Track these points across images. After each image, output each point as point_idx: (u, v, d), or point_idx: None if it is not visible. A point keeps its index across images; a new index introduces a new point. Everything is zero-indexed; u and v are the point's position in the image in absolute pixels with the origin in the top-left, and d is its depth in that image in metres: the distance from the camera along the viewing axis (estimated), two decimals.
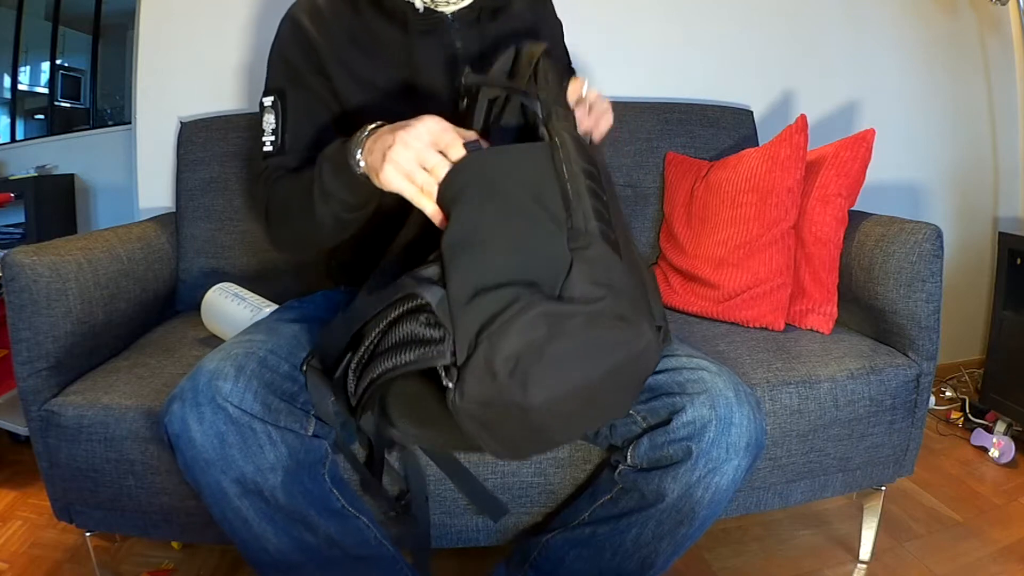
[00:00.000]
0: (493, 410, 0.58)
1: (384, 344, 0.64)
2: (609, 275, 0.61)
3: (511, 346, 0.56)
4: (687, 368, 0.76)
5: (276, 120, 0.87)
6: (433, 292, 0.60)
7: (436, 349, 0.59)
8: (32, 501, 1.33)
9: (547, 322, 0.57)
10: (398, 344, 0.62)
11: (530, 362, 0.56)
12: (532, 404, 0.57)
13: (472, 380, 0.57)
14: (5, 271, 0.89)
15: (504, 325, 0.57)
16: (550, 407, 0.58)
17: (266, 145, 0.88)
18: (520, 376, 0.56)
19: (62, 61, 3.35)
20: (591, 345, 0.59)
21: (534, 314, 0.57)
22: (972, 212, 1.84)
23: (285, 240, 0.89)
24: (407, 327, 0.62)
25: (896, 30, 1.71)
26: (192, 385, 0.68)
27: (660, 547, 0.75)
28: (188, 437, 0.66)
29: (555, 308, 0.58)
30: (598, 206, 0.65)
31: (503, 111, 0.73)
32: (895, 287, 1.02)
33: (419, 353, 0.60)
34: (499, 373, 0.56)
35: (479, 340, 0.57)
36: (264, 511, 0.69)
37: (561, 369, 0.58)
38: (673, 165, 1.39)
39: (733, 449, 0.72)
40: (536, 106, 0.70)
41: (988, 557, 1.14)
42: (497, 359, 0.56)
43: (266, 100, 0.89)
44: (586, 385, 0.59)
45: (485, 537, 0.92)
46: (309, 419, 0.72)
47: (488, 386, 0.57)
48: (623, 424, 0.77)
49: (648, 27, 1.58)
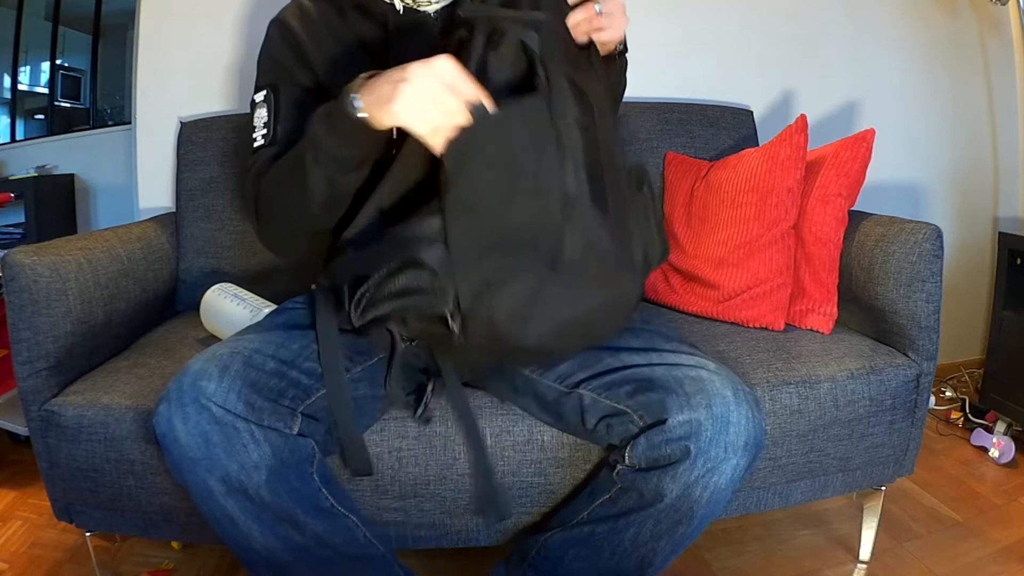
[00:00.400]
0: (493, 346, 0.71)
1: (386, 289, 0.69)
2: (596, 239, 0.69)
3: (507, 307, 0.67)
4: (686, 365, 0.76)
5: (269, 113, 0.87)
6: (433, 253, 0.67)
7: (440, 299, 0.67)
8: (32, 501, 1.33)
9: (537, 286, 0.68)
10: (402, 291, 0.69)
11: (525, 316, 0.68)
12: (527, 343, 0.70)
13: (474, 328, 0.68)
14: (5, 271, 0.89)
15: (502, 286, 0.67)
16: (543, 342, 0.72)
17: (257, 140, 0.87)
18: (517, 326, 0.68)
19: (62, 61, 3.35)
20: (578, 298, 0.70)
21: (527, 282, 0.67)
22: (972, 212, 1.84)
23: (275, 230, 0.87)
24: (410, 276, 0.68)
25: (896, 30, 1.71)
26: (178, 386, 0.69)
27: (658, 546, 0.76)
28: (174, 437, 0.67)
29: (545, 275, 0.67)
30: (591, 160, 0.70)
31: (500, 44, 0.72)
32: (895, 287, 1.02)
33: (424, 300, 0.68)
34: (498, 326, 0.68)
35: (480, 297, 0.67)
36: (250, 510, 0.70)
37: (551, 318, 0.70)
38: (673, 165, 1.39)
39: (731, 448, 0.72)
40: (533, 42, 0.70)
41: (988, 557, 1.14)
42: (496, 315, 0.67)
43: (258, 96, 0.89)
44: (573, 319, 0.72)
45: (485, 537, 0.92)
46: (295, 418, 0.72)
47: (488, 333, 0.68)
48: (620, 423, 0.77)
49: (648, 27, 1.58)
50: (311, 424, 0.73)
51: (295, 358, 0.75)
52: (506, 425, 0.88)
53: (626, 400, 0.77)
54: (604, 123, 0.74)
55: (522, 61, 0.72)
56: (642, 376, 0.77)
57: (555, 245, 0.67)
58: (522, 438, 0.87)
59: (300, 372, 0.74)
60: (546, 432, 0.88)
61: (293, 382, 0.73)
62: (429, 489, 0.87)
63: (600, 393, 0.79)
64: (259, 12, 1.43)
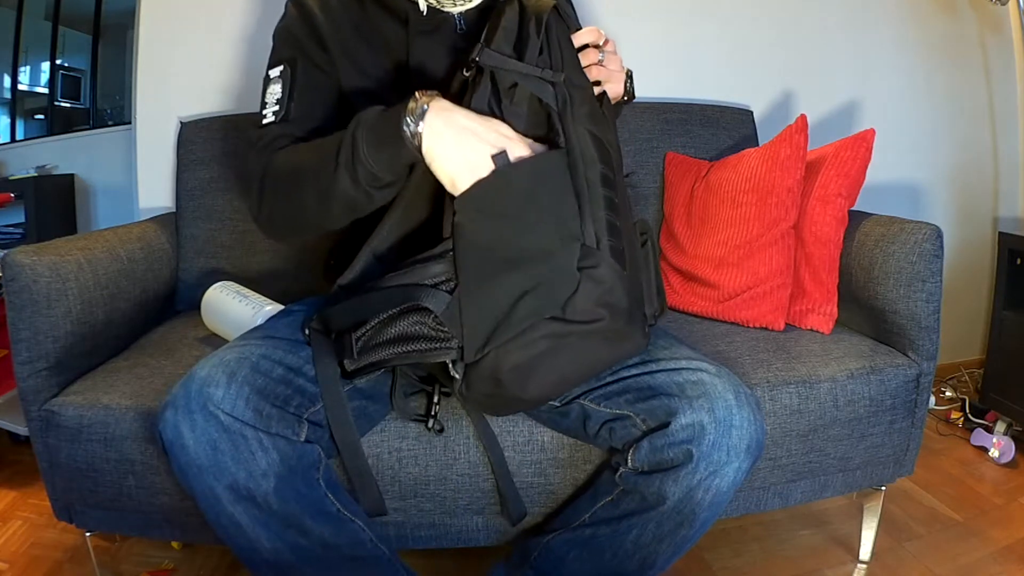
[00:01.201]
0: (494, 399, 0.70)
1: (386, 334, 0.70)
2: (612, 296, 0.66)
3: (514, 360, 0.66)
4: (686, 369, 0.76)
5: (284, 89, 0.85)
6: (438, 299, 0.66)
7: (443, 346, 0.67)
8: (32, 501, 1.33)
9: (549, 342, 0.66)
10: (403, 337, 0.69)
11: (530, 370, 0.66)
12: (529, 397, 0.69)
13: (478, 380, 0.67)
14: (5, 271, 0.89)
15: (510, 342, 0.65)
16: (544, 395, 0.71)
17: (267, 116, 0.84)
18: (520, 380, 0.67)
19: (62, 61, 3.35)
20: (585, 354, 0.68)
21: (538, 335, 0.65)
22: (972, 212, 1.84)
23: (277, 215, 0.82)
24: (412, 321, 0.68)
25: (896, 30, 1.71)
26: (184, 392, 0.68)
27: (660, 548, 0.75)
28: (181, 444, 0.67)
29: (557, 328, 0.65)
30: (611, 217, 0.68)
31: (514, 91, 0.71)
32: (895, 287, 1.02)
33: (425, 347, 0.68)
34: (503, 380, 0.66)
35: (486, 349, 0.65)
36: (257, 517, 0.69)
37: (557, 370, 0.68)
38: (673, 165, 1.39)
39: (734, 452, 0.71)
40: (550, 97, 0.70)
41: (988, 557, 1.14)
42: (503, 370, 0.66)
43: (273, 71, 0.86)
44: (577, 377, 0.72)
45: (485, 537, 0.92)
46: (301, 424, 0.71)
47: (492, 387, 0.67)
48: (622, 427, 0.77)
49: (648, 27, 1.58)
50: (316, 430, 0.73)
51: (302, 365, 0.75)
52: (506, 425, 0.88)
53: (627, 406, 0.77)
54: (619, 177, 0.74)
55: (540, 115, 0.71)
56: (642, 384, 0.77)
57: (569, 291, 0.65)
58: (522, 438, 0.87)
59: (306, 380, 0.74)
60: (546, 432, 0.88)
61: (299, 389, 0.73)
62: (429, 489, 0.87)
63: (599, 403, 0.79)
64: (260, 12, 1.43)
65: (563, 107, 0.70)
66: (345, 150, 0.70)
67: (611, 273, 0.66)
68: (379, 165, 0.69)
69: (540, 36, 0.71)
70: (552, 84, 0.70)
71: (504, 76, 0.70)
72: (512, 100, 0.71)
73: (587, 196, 0.67)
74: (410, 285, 0.68)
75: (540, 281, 0.65)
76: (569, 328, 0.65)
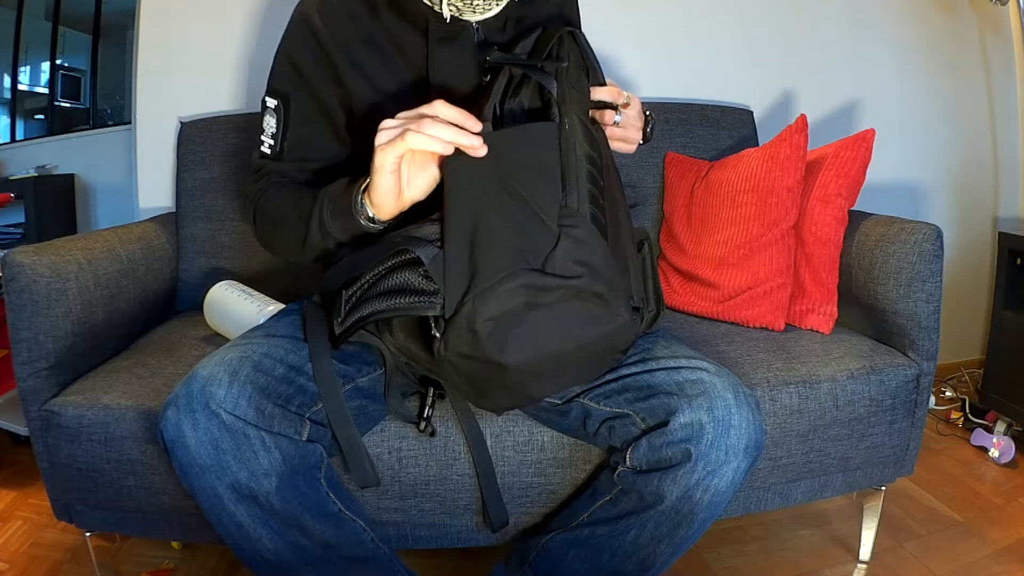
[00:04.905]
0: (473, 363, 0.66)
1: (378, 288, 0.70)
2: (591, 256, 0.66)
3: (491, 310, 0.64)
4: (686, 368, 0.76)
5: (277, 125, 0.85)
6: (427, 251, 0.66)
7: (428, 300, 0.66)
8: (32, 501, 1.33)
9: (527, 292, 0.64)
10: (392, 290, 0.69)
11: (508, 326, 0.64)
12: (508, 363, 0.65)
13: (455, 335, 0.65)
14: (5, 271, 0.89)
15: (487, 290, 0.64)
16: (524, 367, 0.66)
17: (263, 146, 0.86)
18: (498, 337, 0.64)
19: (62, 61, 3.34)
20: (566, 317, 0.66)
21: (516, 284, 0.64)
22: (972, 212, 1.84)
23: (268, 244, 0.90)
24: (403, 276, 0.68)
25: (896, 30, 1.71)
26: (186, 391, 0.68)
27: (659, 548, 0.75)
28: (183, 443, 0.67)
29: (535, 280, 0.64)
30: (594, 191, 0.70)
31: (520, 89, 0.74)
32: (895, 287, 1.02)
33: (411, 300, 0.67)
34: (479, 332, 0.64)
35: (464, 300, 0.64)
36: (259, 516, 0.69)
37: (536, 335, 0.65)
38: (673, 165, 1.39)
39: (732, 451, 0.72)
40: (552, 86, 0.71)
41: (988, 557, 1.14)
42: (478, 320, 0.63)
43: (269, 101, 0.86)
44: (559, 352, 0.67)
45: (485, 537, 0.92)
46: (303, 423, 0.72)
47: (469, 342, 0.64)
48: (622, 426, 0.77)
49: (648, 27, 1.58)
50: (318, 430, 0.73)
51: (304, 363, 0.75)
52: (506, 425, 0.88)
53: (627, 405, 0.77)
54: (612, 180, 0.76)
55: (538, 101, 0.74)
56: (642, 383, 0.77)
57: (548, 248, 0.66)
58: (522, 438, 0.87)
59: (308, 379, 0.74)
60: (546, 432, 0.88)
61: (301, 388, 0.73)
62: (429, 489, 0.87)
63: (599, 402, 0.79)
64: (260, 11, 1.43)
65: (562, 97, 0.72)
66: (315, 213, 0.76)
67: (590, 235, 0.67)
68: (342, 233, 0.75)
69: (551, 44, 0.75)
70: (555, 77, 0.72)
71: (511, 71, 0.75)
72: (517, 95, 0.74)
73: (572, 166, 0.69)
74: (403, 237, 0.69)
75: (522, 232, 0.66)
76: (546, 281, 0.64)
